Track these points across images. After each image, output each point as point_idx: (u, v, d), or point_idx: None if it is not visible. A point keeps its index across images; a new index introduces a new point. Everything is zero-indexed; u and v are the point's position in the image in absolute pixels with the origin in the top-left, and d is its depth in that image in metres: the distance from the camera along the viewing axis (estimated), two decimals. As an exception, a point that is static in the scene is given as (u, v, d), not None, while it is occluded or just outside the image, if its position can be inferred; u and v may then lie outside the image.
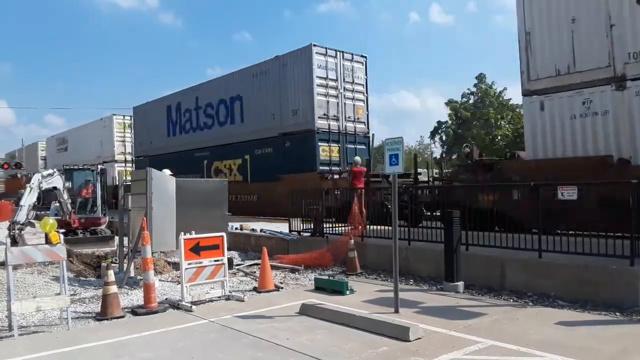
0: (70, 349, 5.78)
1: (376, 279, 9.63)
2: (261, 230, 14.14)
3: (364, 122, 20.70)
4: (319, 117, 19.11)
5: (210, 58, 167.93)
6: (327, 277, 9.02)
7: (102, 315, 7.06)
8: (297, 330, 6.31)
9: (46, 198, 14.38)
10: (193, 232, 7.98)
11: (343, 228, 11.76)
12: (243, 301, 7.93)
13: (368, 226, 11.31)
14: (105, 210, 16.82)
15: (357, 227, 11.06)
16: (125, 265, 9.82)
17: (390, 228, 7.65)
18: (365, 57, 20.82)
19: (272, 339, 5.92)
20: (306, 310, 7.07)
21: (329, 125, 19.44)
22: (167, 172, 11.27)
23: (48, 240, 7.43)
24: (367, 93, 20.89)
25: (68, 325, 6.64)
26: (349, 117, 20.06)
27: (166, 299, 8.12)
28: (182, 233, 7.85)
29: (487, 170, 12.23)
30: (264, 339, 5.97)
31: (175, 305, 7.67)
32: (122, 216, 10.64)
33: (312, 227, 12.57)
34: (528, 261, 8.13)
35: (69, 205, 14.20)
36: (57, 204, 14.67)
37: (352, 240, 10.38)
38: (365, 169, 15.50)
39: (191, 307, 7.47)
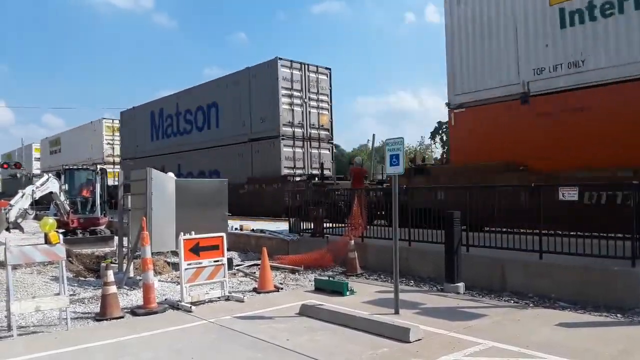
0: (70, 349, 5.77)
1: (376, 280, 9.61)
2: (261, 231, 14.12)
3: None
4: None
5: (207, 58, 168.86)
6: (327, 278, 9.01)
7: (102, 315, 7.04)
8: (297, 331, 6.29)
9: (45, 198, 14.35)
10: (193, 232, 7.96)
11: (343, 228, 11.75)
12: (242, 302, 7.91)
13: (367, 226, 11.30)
14: (106, 211, 16.81)
15: (357, 227, 11.04)
16: (124, 266, 9.80)
17: (391, 228, 7.64)
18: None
19: (271, 340, 5.90)
20: (306, 311, 7.05)
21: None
22: (171, 175, 11.30)
23: (47, 240, 7.41)
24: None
25: (67, 325, 6.63)
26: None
27: (165, 299, 8.10)
28: (182, 233, 7.83)
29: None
30: (263, 339, 5.95)
31: (175, 306, 7.65)
32: (121, 216, 10.63)
33: (312, 227, 12.56)
34: (529, 262, 8.11)
35: (66, 206, 14.18)
36: (56, 205, 14.64)
37: (353, 241, 10.36)
38: (365, 170, 15.50)
39: (190, 307, 7.45)
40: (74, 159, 36.43)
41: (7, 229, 11.70)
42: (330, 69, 22.53)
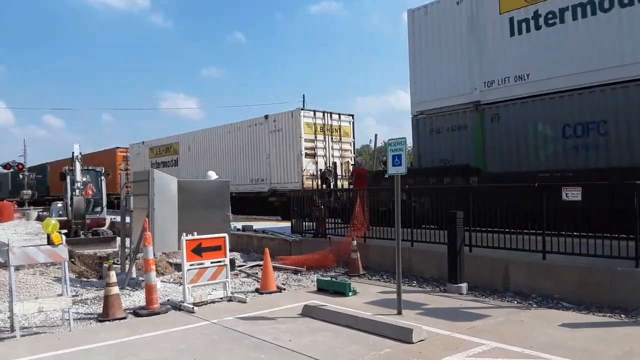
0: (72, 350, 5.77)
1: (379, 280, 9.59)
2: (264, 232, 14.13)
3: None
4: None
5: (205, 58, 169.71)
6: (329, 279, 9.00)
7: (104, 316, 7.05)
8: (300, 331, 6.28)
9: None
10: (195, 233, 7.96)
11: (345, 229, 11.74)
12: (245, 302, 7.91)
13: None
14: (105, 211, 16.87)
15: (360, 228, 11.03)
16: (127, 266, 9.80)
17: (393, 229, 7.63)
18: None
19: (274, 341, 5.90)
20: (308, 312, 7.04)
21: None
22: (212, 174, 11.42)
23: (50, 241, 7.41)
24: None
25: (70, 326, 6.63)
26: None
27: (168, 300, 8.11)
28: (184, 234, 7.83)
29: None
30: (266, 340, 5.94)
31: (177, 307, 7.64)
32: (124, 217, 10.63)
33: (314, 228, 12.55)
34: (532, 262, 8.09)
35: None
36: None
37: (355, 242, 10.35)
38: (367, 170, 15.49)
39: (193, 308, 7.45)
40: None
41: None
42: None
